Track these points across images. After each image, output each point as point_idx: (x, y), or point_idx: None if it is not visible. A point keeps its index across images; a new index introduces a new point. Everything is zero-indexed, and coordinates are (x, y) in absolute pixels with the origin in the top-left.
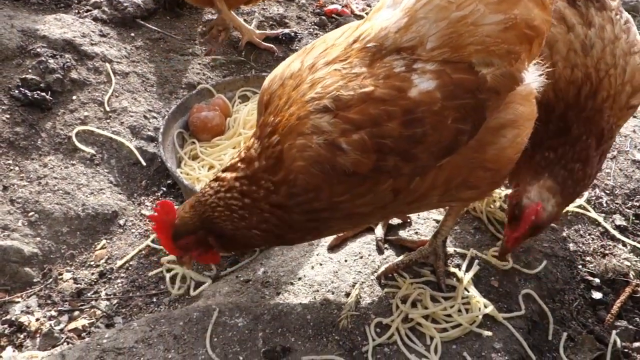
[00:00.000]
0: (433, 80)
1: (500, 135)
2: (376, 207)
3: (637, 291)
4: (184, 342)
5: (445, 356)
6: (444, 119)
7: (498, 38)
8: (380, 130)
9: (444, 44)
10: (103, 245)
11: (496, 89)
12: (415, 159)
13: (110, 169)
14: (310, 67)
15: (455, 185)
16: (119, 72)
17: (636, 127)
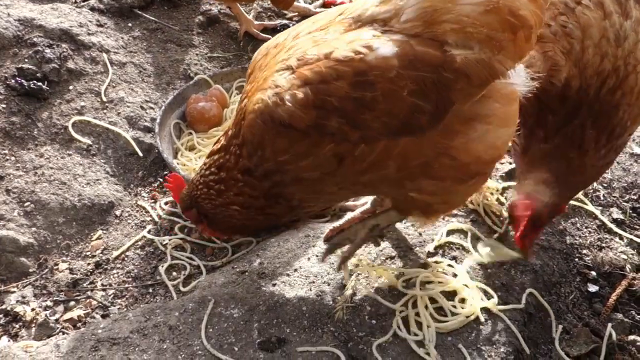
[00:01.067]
0: (393, 47)
1: (470, 127)
2: (323, 173)
3: (633, 284)
4: (179, 333)
5: (441, 348)
6: (399, 89)
7: (477, 20)
8: (327, 87)
9: (417, 17)
10: (99, 235)
11: (466, 73)
12: (364, 126)
13: (106, 160)
14: (294, 36)
15: (418, 165)
16: (116, 62)
17: None
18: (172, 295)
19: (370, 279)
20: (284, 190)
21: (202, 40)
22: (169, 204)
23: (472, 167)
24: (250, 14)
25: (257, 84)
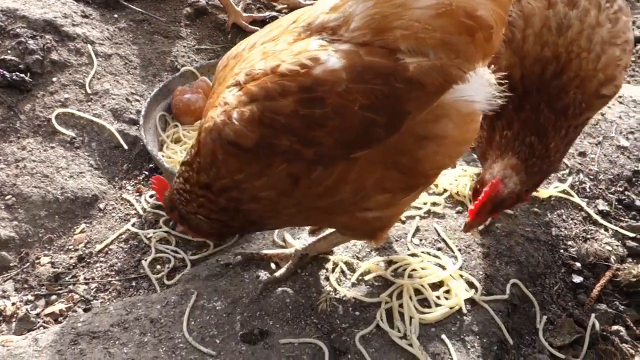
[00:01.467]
0: (341, 59)
1: (420, 146)
2: (279, 193)
3: (617, 275)
4: (161, 326)
5: (424, 338)
6: (350, 104)
7: (428, 24)
8: (273, 104)
9: (366, 25)
10: (82, 229)
11: (420, 82)
12: (316, 143)
13: (90, 152)
14: (251, 47)
15: (371, 185)
16: (101, 54)
17: (622, 113)
18: (156, 289)
19: (354, 271)
20: (241, 207)
21: (190, 32)
22: (154, 197)
23: (420, 180)
24: (239, 5)
25: (212, 101)
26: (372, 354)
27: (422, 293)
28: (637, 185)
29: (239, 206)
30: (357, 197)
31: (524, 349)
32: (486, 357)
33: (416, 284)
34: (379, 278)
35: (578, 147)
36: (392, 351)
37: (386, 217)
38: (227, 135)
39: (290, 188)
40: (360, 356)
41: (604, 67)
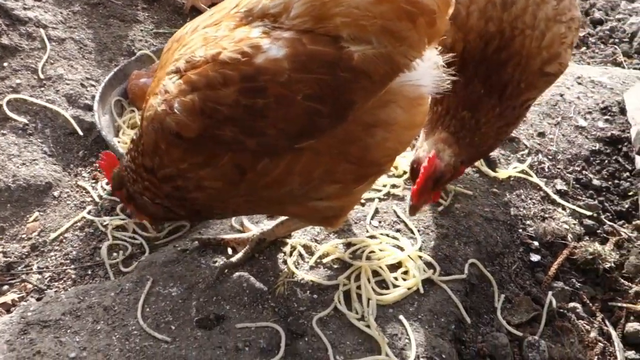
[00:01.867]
0: (283, 48)
1: (369, 134)
2: (225, 184)
3: (574, 253)
4: (115, 313)
5: (382, 320)
6: (292, 94)
7: (368, 11)
8: (215, 94)
9: (306, 12)
10: (35, 217)
11: (365, 71)
12: (260, 133)
13: (44, 139)
14: (193, 30)
15: (319, 176)
16: (54, 38)
17: (580, 93)
18: (111, 276)
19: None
20: (186, 195)
21: (147, 15)
22: None
23: (372, 169)
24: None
25: (153, 86)
26: (329, 336)
27: (380, 275)
28: (595, 165)
29: (184, 195)
30: (306, 189)
31: (482, 328)
32: (444, 337)
33: (374, 266)
34: (337, 260)
35: (537, 128)
36: (349, 333)
37: (339, 207)
38: (168, 126)
39: (237, 179)
40: (318, 339)
41: (548, 45)
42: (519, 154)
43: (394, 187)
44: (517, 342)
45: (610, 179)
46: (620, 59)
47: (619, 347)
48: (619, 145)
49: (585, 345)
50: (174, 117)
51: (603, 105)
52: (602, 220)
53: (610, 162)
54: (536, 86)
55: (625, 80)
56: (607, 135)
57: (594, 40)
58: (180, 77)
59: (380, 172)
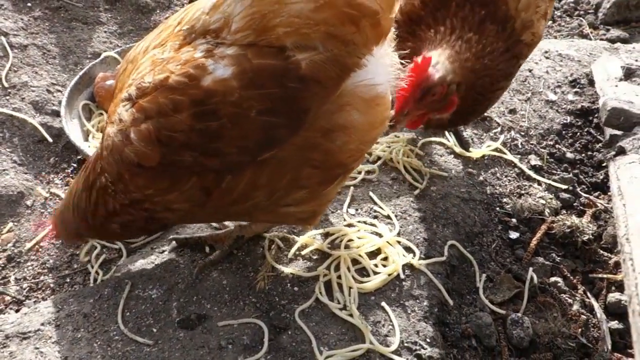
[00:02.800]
0: (229, 67)
1: (329, 139)
2: (194, 205)
3: (552, 228)
4: (95, 320)
5: (364, 307)
6: (246, 111)
7: (310, 19)
8: (168, 121)
9: (247, 26)
10: (10, 228)
11: (316, 78)
12: (219, 154)
13: (13, 148)
14: (144, 50)
15: (285, 186)
16: (16, 45)
17: (549, 67)
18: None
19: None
20: (156, 216)
21: (110, 16)
22: None
23: (337, 171)
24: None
25: (111, 111)
26: (312, 327)
27: (360, 263)
28: (567, 138)
29: (153, 215)
30: (273, 199)
31: (465, 309)
32: (427, 320)
33: (353, 254)
34: (316, 251)
35: (508, 105)
36: (332, 323)
37: (310, 210)
38: (128, 157)
39: (203, 200)
40: (301, 331)
41: (524, 8)
42: (492, 132)
43: (369, 173)
44: (501, 321)
45: (583, 151)
46: (586, 31)
47: (602, 318)
48: (590, 117)
49: (569, 319)
50: (132, 148)
51: (572, 78)
52: (578, 192)
53: (582, 135)
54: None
55: (592, 52)
56: (578, 107)
57: (560, 13)
58: (133, 105)
59: (347, 172)
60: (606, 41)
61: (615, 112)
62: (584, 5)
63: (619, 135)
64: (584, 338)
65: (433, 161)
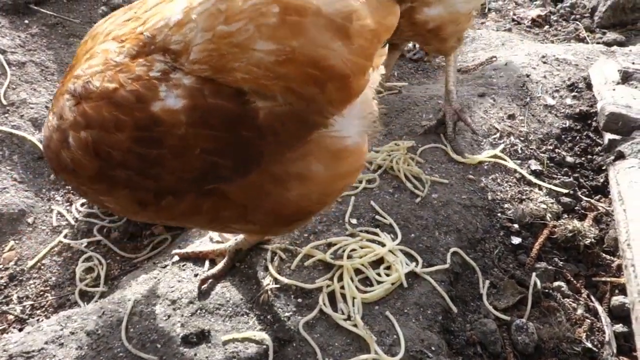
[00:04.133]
0: (182, 99)
1: (283, 187)
2: (131, 213)
3: (554, 232)
4: (98, 337)
5: (368, 317)
6: (190, 148)
7: (269, 71)
8: (108, 137)
9: (204, 60)
10: (11, 246)
11: (273, 130)
12: (157, 178)
13: (12, 166)
14: (107, 33)
15: (230, 217)
16: (14, 63)
17: (546, 72)
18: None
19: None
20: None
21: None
22: (85, 205)
23: (294, 218)
24: None
25: (60, 89)
26: (317, 339)
27: (363, 272)
28: (567, 142)
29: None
30: (214, 224)
31: (469, 316)
32: (432, 329)
33: (356, 264)
34: (319, 262)
35: (507, 110)
36: (337, 334)
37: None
38: (64, 161)
39: (137, 210)
40: (306, 343)
41: None
42: (491, 138)
43: (370, 182)
44: (506, 327)
45: (583, 155)
46: (583, 35)
47: (606, 321)
48: (589, 121)
49: (573, 323)
50: (69, 153)
51: (569, 82)
52: (579, 196)
53: (581, 138)
54: None
55: (589, 56)
56: (576, 111)
57: (556, 17)
58: (77, 103)
59: (308, 219)
60: (603, 44)
61: (613, 116)
62: (580, 9)
63: (617, 139)
64: (589, 342)
65: (433, 168)
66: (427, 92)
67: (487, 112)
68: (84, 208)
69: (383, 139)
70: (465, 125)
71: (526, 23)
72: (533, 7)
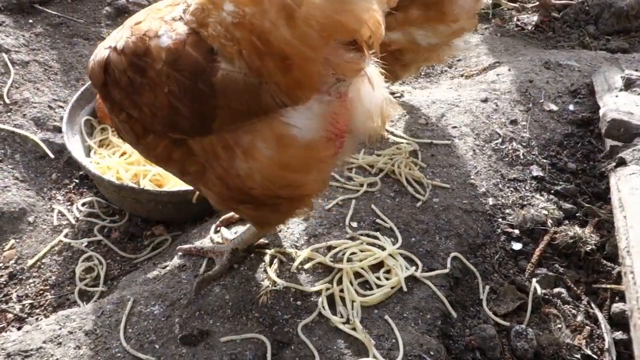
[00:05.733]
0: (169, 40)
1: (232, 156)
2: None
3: (555, 238)
4: (97, 337)
5: (367, 321)
6: (161, 84)
7: (228, 32)
8: (116, 56)
9: (194, 12)
10: (12, 245)
11: (224, 93)
12: (138, 108)
13: (15, 165)
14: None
15: (193, 174)
16: (17, 62)
17: (550, 78)
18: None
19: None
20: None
21: (111, 32)
22: (87, 205)
23: (240, 195)
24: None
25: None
26: (315, 342)
27: (362, 276)
28: (569, 148)
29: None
30: (187, 178)
31: (469, 321)
32: (431, 333)
33: (356, 267)
34: (318, 265)
35: (509, 116)
36: (335, 337)
37: (261, 220)
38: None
39: (133, 140)
40: (304, 346)
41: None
42: (493, 143)
43: (371, 185)
44: (505, 332)
45: (585, 161)
46: (586, 41)
47: (606, 329)
48: (591, 127)
49: (573, 330)
50: (90, 62)
51: (572, 88)
52: (580, 202)
53: (583, 145)
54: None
55: (592, 62)
56: (579, 117)
57: (560, 24)
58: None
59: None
60: (606, 51)
61: (615, 123)
62: (584, 15)
63: (619, 146)
64: (589, 349)
65: (435, 173)
66: (429, 97)
67: (490, 117)
68: (85, 208)
69: (385, 142)
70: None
71: (529, 29)
72: (536, 13)
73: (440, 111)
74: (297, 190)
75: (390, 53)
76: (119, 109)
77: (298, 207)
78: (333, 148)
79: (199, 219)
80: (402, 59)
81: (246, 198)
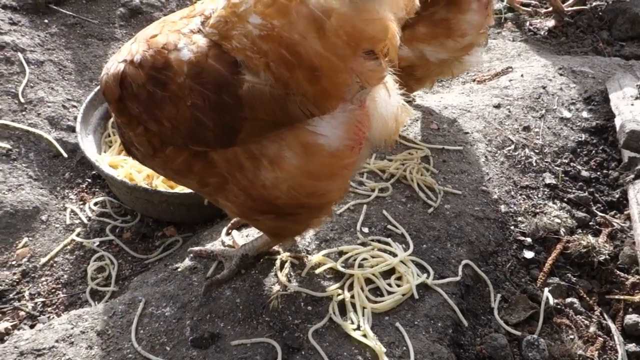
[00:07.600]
0: (190, 53)
1: (257, 166)
2: (148, 156)
3: (568, 247)
4: (108, 337)
5: (378, 328)
6: (184, 97)
7: (254, 45)
8: (132, 70)
9: (216, 25)
10: (25, 243)
11: (251, 105)
12: (158, 122)
13: (29, 164)
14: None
15: (214, 185)
16: (32, 61)
17: (563, 84)
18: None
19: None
20: (129, 147)
21: (125, 32)
22: (99, 204)
23: (265, 206)
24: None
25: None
26: (326, 348)
27: (373, 282)
28: (582, 156)
29: (128, 146)
30: (205, 190)
31: (480, 329)
32: (442, 341)
33: (367, 274)
34: (330, 270)
35: (522, 122)
36: (346, 343)
37: (276, 231)
38: (101, 82)
39: (151, 153)
40: (314, 352)
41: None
42: (506, 150)
43: (382, 191)
44: (516, 342)
45: (598, 169)
46: (600, 47)
47: (619, 340)
48: (605, 135)
49: (586, 341)
50: (103, 76)
51: (586, 95)
52: (594, 211)
53: (597, 152)
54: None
55: (606, 69)
56: (592, 125)
57: (573, 29)
58: (132, 43)
59: (280, 213)
60: (620, 57)
61: (634, 135)
62: (598, 21)
63: (637, 157)
64: None
65: (447, 179)
66: (441, 102)
67: (502, 123)
68: (97, 207)
69: (397, 147)
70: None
71: (542, 34)
72: (550, 18)
73: (452, 116)
74: (321, 198)
75: (402, 69)
76: (136, 122)
77: (318, 216)
78: (355, 155)
79: (209, 221)
80: (414, 74)
81: (269, 208)
